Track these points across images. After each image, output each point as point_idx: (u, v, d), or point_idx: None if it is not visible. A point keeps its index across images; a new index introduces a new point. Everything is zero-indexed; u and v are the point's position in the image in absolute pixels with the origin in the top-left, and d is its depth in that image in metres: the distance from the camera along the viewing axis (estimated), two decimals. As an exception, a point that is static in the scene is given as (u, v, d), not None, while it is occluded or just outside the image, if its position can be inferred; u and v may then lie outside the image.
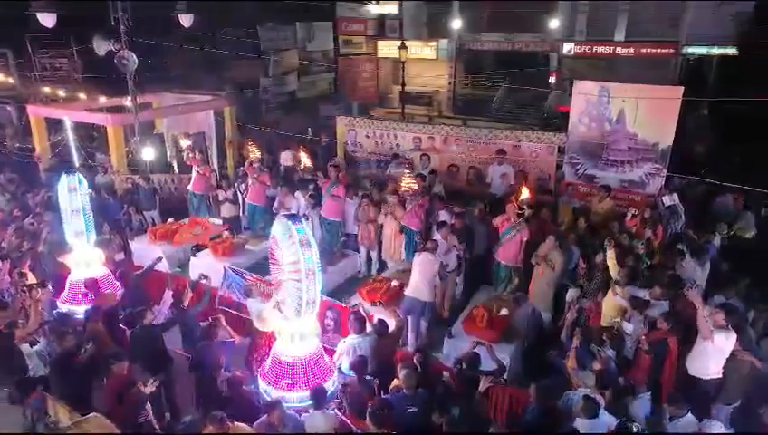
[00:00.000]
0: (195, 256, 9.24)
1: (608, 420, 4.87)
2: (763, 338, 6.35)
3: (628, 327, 5.93)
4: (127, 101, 10.27)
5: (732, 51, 19.39)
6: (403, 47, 16.92)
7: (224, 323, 6.39)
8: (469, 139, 10.26)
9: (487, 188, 9.91)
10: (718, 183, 8.39)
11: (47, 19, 8.73)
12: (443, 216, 8.54)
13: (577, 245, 7.49)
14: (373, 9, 24.42)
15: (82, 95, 12.69)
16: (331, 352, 6.36)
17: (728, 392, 5.69)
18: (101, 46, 9.09)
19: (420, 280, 6.97)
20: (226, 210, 10.19)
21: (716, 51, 19.79)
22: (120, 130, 11.53)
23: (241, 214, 10.22)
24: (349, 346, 6.25)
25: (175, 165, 11.36)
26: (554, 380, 5.86)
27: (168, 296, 7.98)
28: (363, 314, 6.47)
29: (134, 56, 9.30)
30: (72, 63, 17.06)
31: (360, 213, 9.05)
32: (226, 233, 9.48)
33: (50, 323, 5.75)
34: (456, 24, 24.12)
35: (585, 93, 9.09)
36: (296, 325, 5.84)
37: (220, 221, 10.28)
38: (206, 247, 9.31)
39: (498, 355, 6.37)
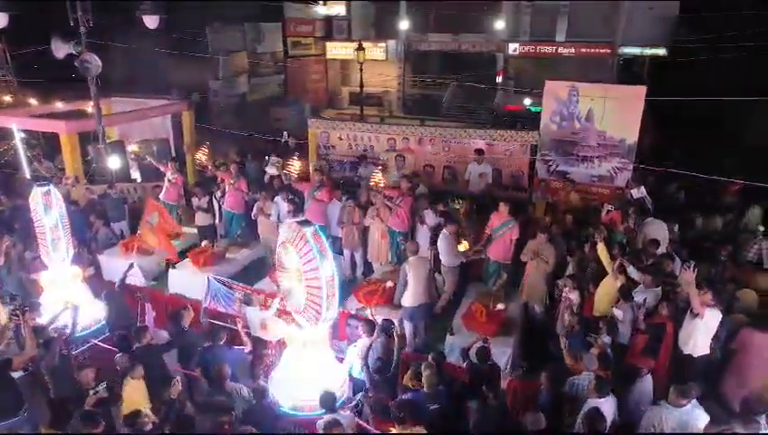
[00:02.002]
0: (174, 267, 8.88)
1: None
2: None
3: (619, 314, 6.29)
4: (89, 107, 9.68)
5: (661, 51, 20.81)
6: (360, 48, 16.94)
7: (241, 328, 6.21)
8: (444, 139, 10.46)
9: (464, 187, 10.15)
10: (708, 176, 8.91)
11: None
12: (428, 215, 8.69)
13: (563, 238, 7.85)
14: (321, 10, 24.24)
15: (33, 100, 11.83)
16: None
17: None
18: (61, 48, 8.51)
19: (417, 285, 7.06)
20: (201, 219, 9.84)
21: (648, 51, 21.15)
22: (76, 137, 10.88)
23: (217, 222, 9.90)
24: (360, 350, 6.25)
25: (138, 174, 10.84)
26: (558, 367, 6.15)
27: (150, 312, 7.65)
28: (372, 317, 6.50)
29: (97, 59, 8.78)
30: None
31: (345, 215, 9.02)
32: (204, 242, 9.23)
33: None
34: (404, 24, 24.38)
35: (555, 93, 9.52)
36: (309, 333, 5.79)
37: (194, 230, 9.93)
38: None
39: (500, 348, 6.62)
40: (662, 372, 6.01)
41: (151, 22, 9.31)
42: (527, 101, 23.54)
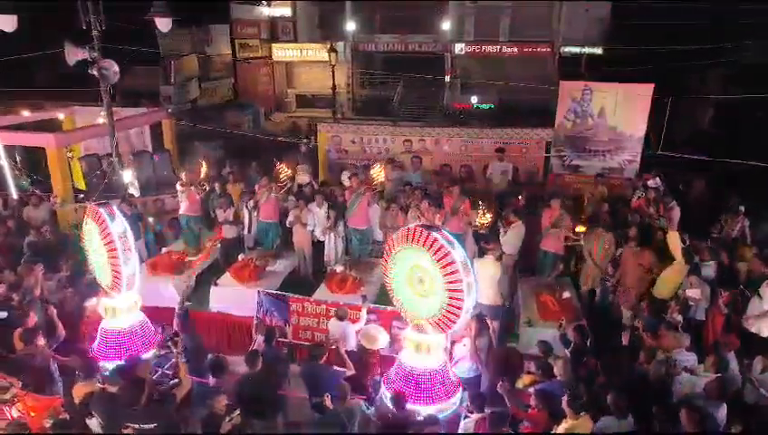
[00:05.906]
0: (216, 284, 8.36)
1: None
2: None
3: (695, 293, 6.88)
4: (101, 117, 8.78)
5: (598, 50, 22.58)
6: (333, 50, 16.73)
7: (342, 351, 5.98)
8: (462, 139, 10.72)
9: (482, 185, 10.47)
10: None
11: (6, 22, 7.12)
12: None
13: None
14: (267, 11, 23.58)
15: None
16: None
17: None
18: (75, 54, 7.67)
19: (489, 286, 7.21)
20: (227, 231, 9.33)
21: (586, 50, 22.85)
22: (64, 152, 9.87)
23: (246, 233, 9.43)
24: (468, 348, 6.33)
25: (135, 189, 10.01)
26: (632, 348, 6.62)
27: (260, 339, 7.12)
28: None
29: (115, 65, 8.03)
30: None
31: (389, 219, 8.98)
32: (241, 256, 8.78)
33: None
34: (350, 26, 24.38)
35: (570, 92, 10.12)
36: (432, 338, 5.79)
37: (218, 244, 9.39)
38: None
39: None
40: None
41: (164, 24, 8.65)
42: (474, 99, 24.54)
